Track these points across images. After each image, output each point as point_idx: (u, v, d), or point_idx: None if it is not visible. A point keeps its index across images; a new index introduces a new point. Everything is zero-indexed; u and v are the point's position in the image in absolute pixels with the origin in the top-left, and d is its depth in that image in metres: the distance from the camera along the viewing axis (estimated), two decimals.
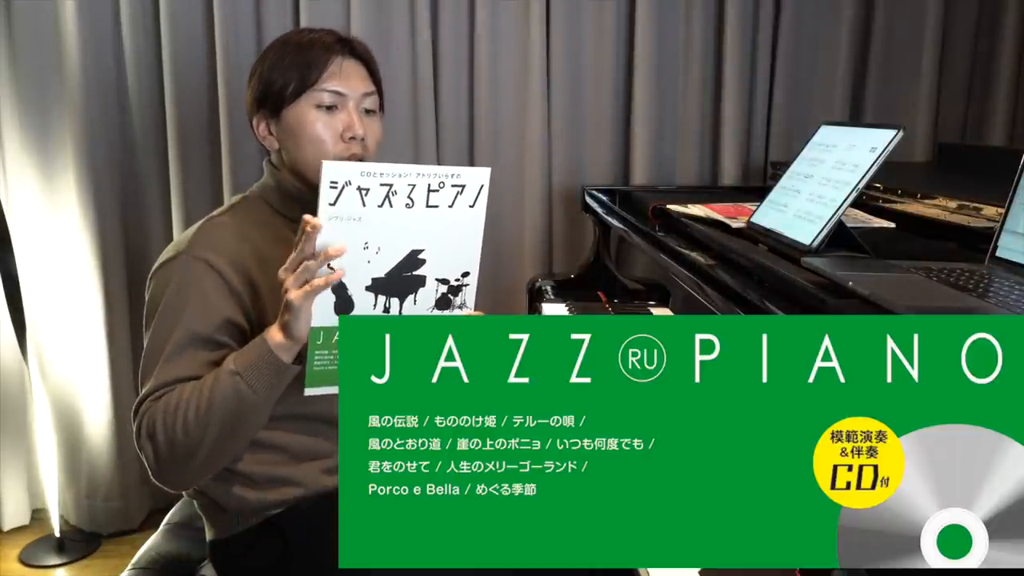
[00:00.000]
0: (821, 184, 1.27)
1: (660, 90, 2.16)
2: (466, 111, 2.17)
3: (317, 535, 1.15)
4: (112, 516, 2.25)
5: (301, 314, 0.99)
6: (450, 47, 2.13)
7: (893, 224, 1.43)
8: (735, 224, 1.44)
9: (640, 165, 2.17)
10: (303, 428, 1.17)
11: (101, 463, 2.23)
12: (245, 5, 2.07)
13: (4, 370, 2.19)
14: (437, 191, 1.01)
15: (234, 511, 1.18)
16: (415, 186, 0.99)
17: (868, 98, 2.24)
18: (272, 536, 1.17)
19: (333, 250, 0.97)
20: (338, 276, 0.98)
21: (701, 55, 2.15)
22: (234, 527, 1.19)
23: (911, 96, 2.21)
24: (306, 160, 1.18)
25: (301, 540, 1.16)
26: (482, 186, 1.03)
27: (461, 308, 1.08)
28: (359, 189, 0.96)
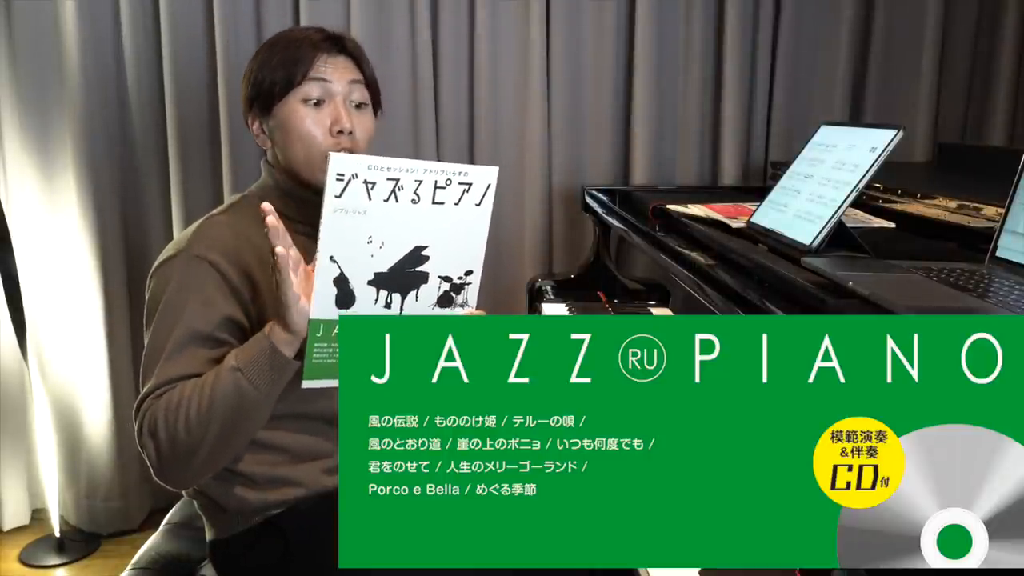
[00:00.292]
0: (821, 184, 1.27)
1: (660, 90, 2.16)
2: (466, 111, 2.17)
3: (317, 535, 1.15)
4: (112, 516, 2.25)
5: (290, 305, 0.98)
6: (450, 47, 2.13)
7: (893, 224, 1.43)
8: (735, 224, 1.44)
9: (640, 165, 2.17)
10: (303, 428, 1.17)
11: (101, 463, 2.23)
12: (245, 5, 2.07)
13: (4, 370, 2.19)
14: (444, 188, 1.00)
15: (234, 511, 1.18)
16: (422, 182, 0.98)
17: (868, 98, 2.24)
18: (272, 536, 1.17)
19: (270, 220, 0.97)
20: (281, 258, 0.96)
21: (701, 55, 2.15)
22: (234, 527, 1.19)
23: (911, 96, 2.21)
24: (296, 156, 1.18)
25: (301, 540, 1.16)
26: (489, 185, 1.02)
27: (463, 306, 1.08)
28: (365, 182, 0.96)
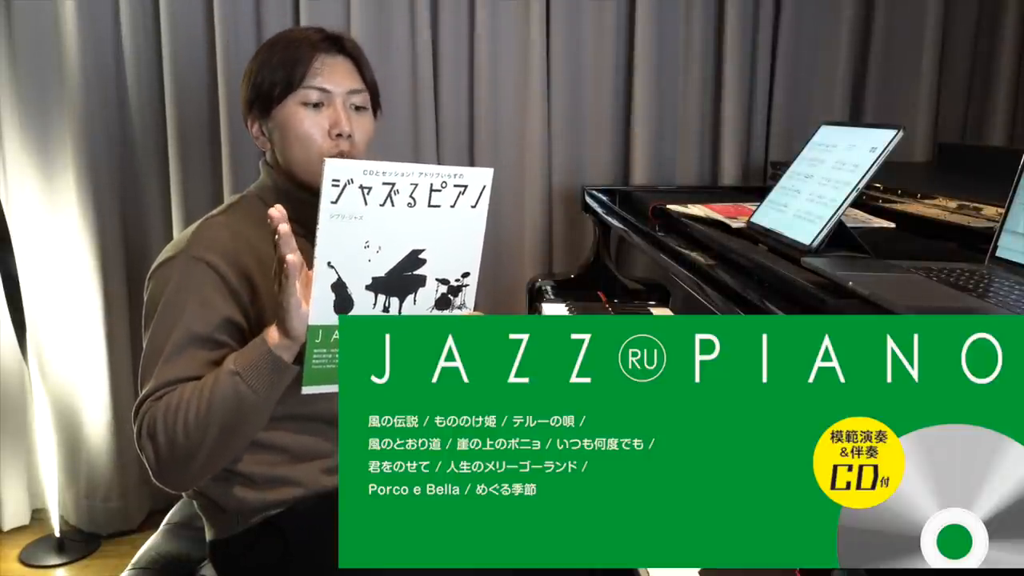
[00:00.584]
0: (821, 184, 1.27)
1: (660, 90, 2.16)
2: (466, 111, 2.17)
3: (317, 535, 1.14)
4: (112, 516, 2.25)
5: (291, 310, 0.98)
6: (450, 47, 2.12)
7: (893, 224, 1.43)
8: (735, 224, 1.44)
9: (640, 165, 2.17)
10: (303, 428, 1.17)
11: (101, 463, 2.23)
12: (245, 5, 2.07)
13: (4, 370, 2.19)
14: (439, 191, 1.00)
15: (234, 511, 1.18)
16: (417, 185, 0.99)
17: (868, 98, 2.24)
18: (272, 536, 1.17)
19: (283, 229, 0.95)
20: (292, 264, 0.95)
21: (701, 55, 2.15)
22: (234, 527, 1.19)
23: (911, 96, 2.21)
24: (295, 158, 1.18)
25: (301, 540, 1.16)
26: (484, 187, 1.02)
27: (461, 308, 1.08)
28: (361, 187, 0.96)
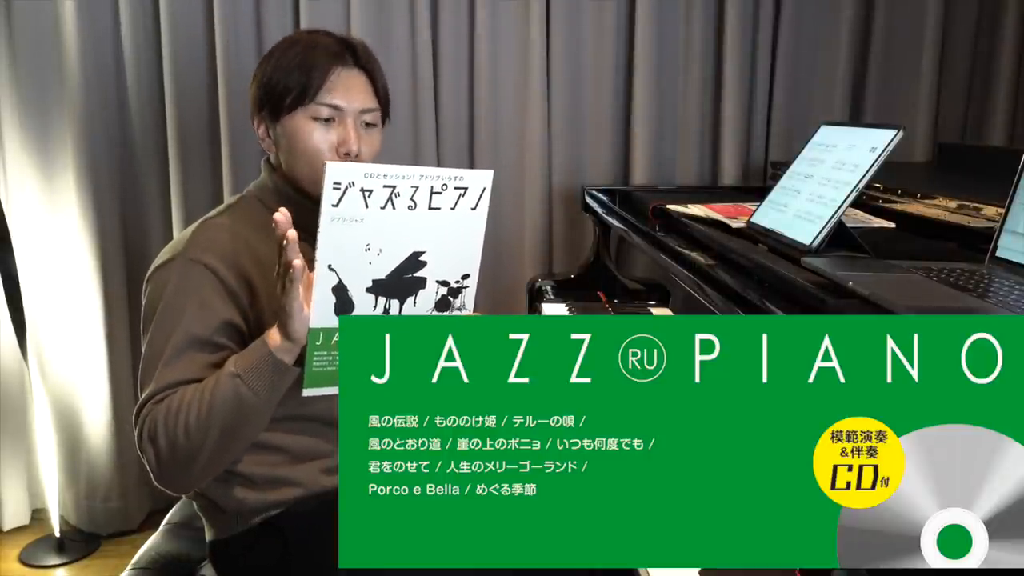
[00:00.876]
0: (821, 184, 1.27)
1: (660, 90, 2.16)
2: (466, 111, 2.17)
3: (317, 535, 1.14)
4: (112, 516, 2.25)
5: (293, 313, 0.98)
6: (450, 47, 2.13)
7: (893, 224, 1.43)
8: (735, 224, 1.44)
9: (640, 165, 2.17)
10: (302, 429, 1.17)
11: (101, 463, 2.23)
12: (245, 5, 2.07)
13: (4, 370, 2.19)
14: (440, 193, 1.00)
15: (234, 512, 1.18)
16: (418, 188, 0.98)
17: (868, 98, 2.24)
18: (272, 536, 1.17)
19: (291, 234, 0.95)
20: (298, 268, 0.95)
21: (701, 55, 2.15)
22: (234, 528, 1.19)
23: (911, 96, 2.21)
24: (300, 170, 1.18)
25: (301, 540, 1.16)
26: (484, 189, 1.02)
27: (461, 310, 1.08)
28: (362, 191, 0.96)
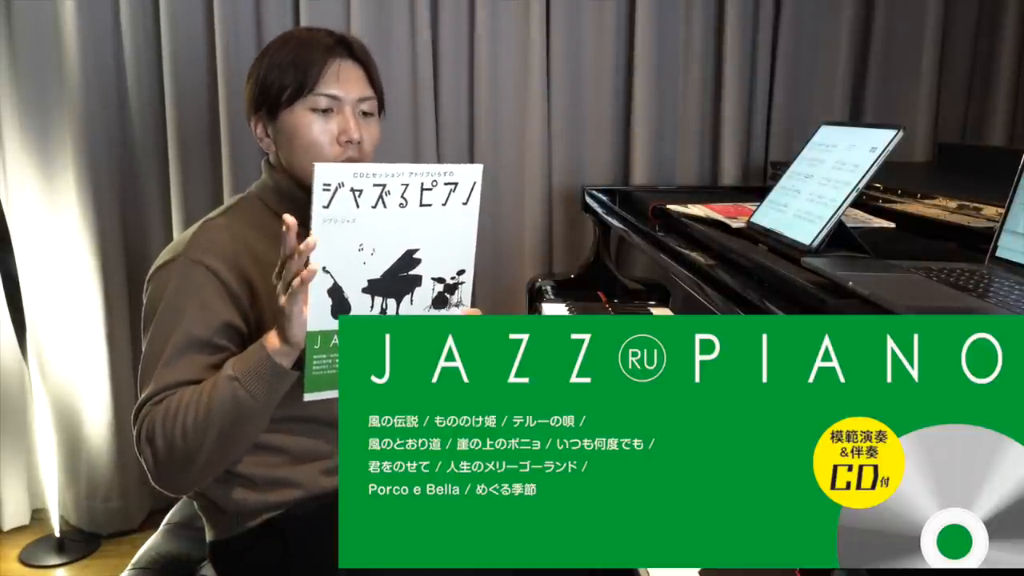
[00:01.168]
0: (821, 184, 1.27)
1: (660, 90, 2.16)
2: (466, 111, 2.17)
3: (317, 536, 1.14)
4: (112, 516, 2.25)
5: (293, 317, 0.98)
6: (450, 47, 2.13)
7: (893, 224, 1.43)
8: (735, 224, 1.44)
9: (640, 165, 2.17)
10: (302, 430, 1.17)
11: (101, 463, 2.23)
12: (245, 5, 2.07)
13: (4, 370, 2.19)
14: (430, 190, 1.00)
15: (234, 512, 1.18)
16: (408, 185, 0.98)
17: (868, 98, 2.24)
18: (272, 537, 1.17)
19: (305, 245, 0.94)
20: (312, 272, 0.95)
21: (701, 55, 2.15)
22: (234, 528, 1.19)
23: (911, 96, 2.21)
24: (302, 164, 1.17)
25: (301, 541, 1.16)
26: (475, 183, 1.02)
27: (458, 306, 1.08)
28: (352, 191, 0.95)
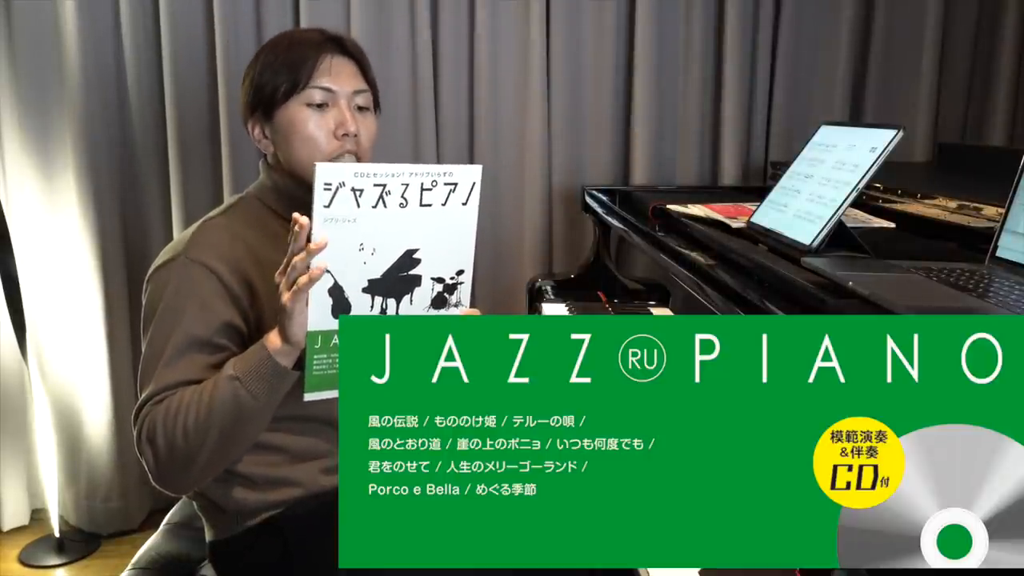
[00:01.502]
0: (821, 184, 1.27)
1: (660, 90, 2.16)
2: (466, 111, 2.17)
3: (317, 535, 1.14)
4: (112, 516, 2.25)
5: (294, 316, 0.98)
6: (450, 47, 2.12)
7: (893, 224, 1.43)
8: (735, 224, 1.44)
9: (640, 165, 2.17)
10: (302, 429, 1.17)
11: (101, 463, 2.23)
12: (245, 5, 2.07)
13: (4, 370, 2.19)
14: (430, 190, 1.00)
15: (233, 512, 1.18)
16: (408, 185, 0.99)
17: (868, 98, 2.24)
18: (272, 536, 1.17)
19: (315, 245, 0.95)
20: (320, 271, 0.95)
21: (701, 55, 2.15)
22: (234, 528, 1.19)
23: (911, 96, 2.21)
24: (300, 160, 1.17)
25: (301, 540, 1.16)
26: (474, 184, 1.03)
27: (457, 306, 1.08)
28: (353, 190, 0.96)
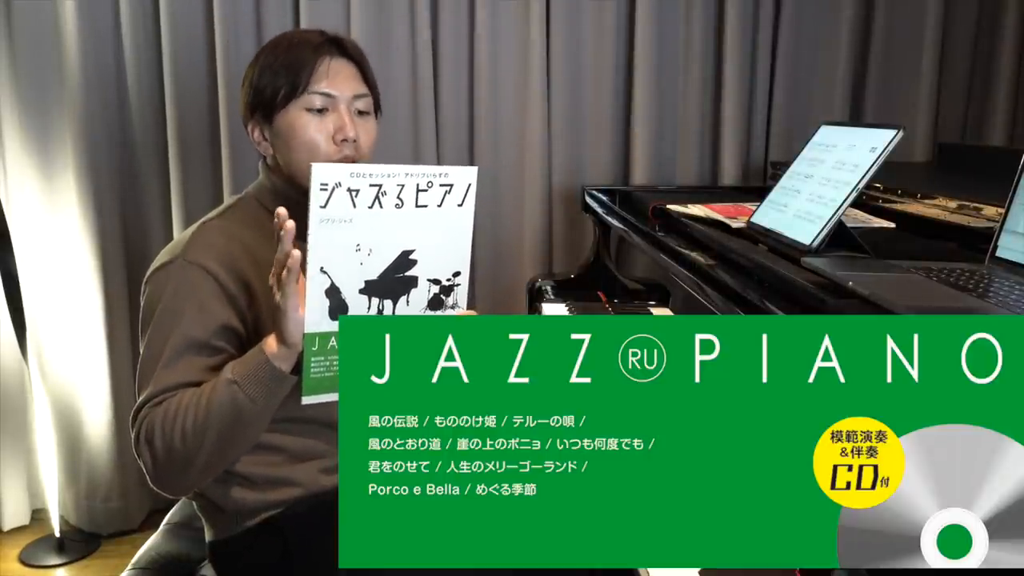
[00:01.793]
0: (821, 184, 1.27)
1: (660, 90, 2.16)
2: (466, 111, 2.17)
3: (316, 534, 1.14)
4: (112, 516, 2.25)
5: (288, 314, 0.98)
6: (450, 47, 2.12)
7: (893, 224, 1.43)
8: (735, 224, 1.44)
9: (640, 165, 2.17)
10: (301, 430, 1.17)
11: (101, 463, 2.23)
12: (245, 5, 2.07)
13: (4, 370, 2.19)
14: (426, 191, 1.00)
15: (233, 512, 1.18)
16: (404, 186, 0.99)
17: (868, 98, 2.24)
18: (271, 536, 1.17)
19: (286, 232, 0.95)
20: (295, 260, 0.95)
21: (701, 55, 2.15)
22: (233, 528, 1.19)
23: (911, 96, 2.21)
24: (299, 164, 1.17)
25: (300, 540, 1.16)
26: (470, 185, 1.03)
27: (453, 308, 1.08)
28: (349, 191, 0.96)
